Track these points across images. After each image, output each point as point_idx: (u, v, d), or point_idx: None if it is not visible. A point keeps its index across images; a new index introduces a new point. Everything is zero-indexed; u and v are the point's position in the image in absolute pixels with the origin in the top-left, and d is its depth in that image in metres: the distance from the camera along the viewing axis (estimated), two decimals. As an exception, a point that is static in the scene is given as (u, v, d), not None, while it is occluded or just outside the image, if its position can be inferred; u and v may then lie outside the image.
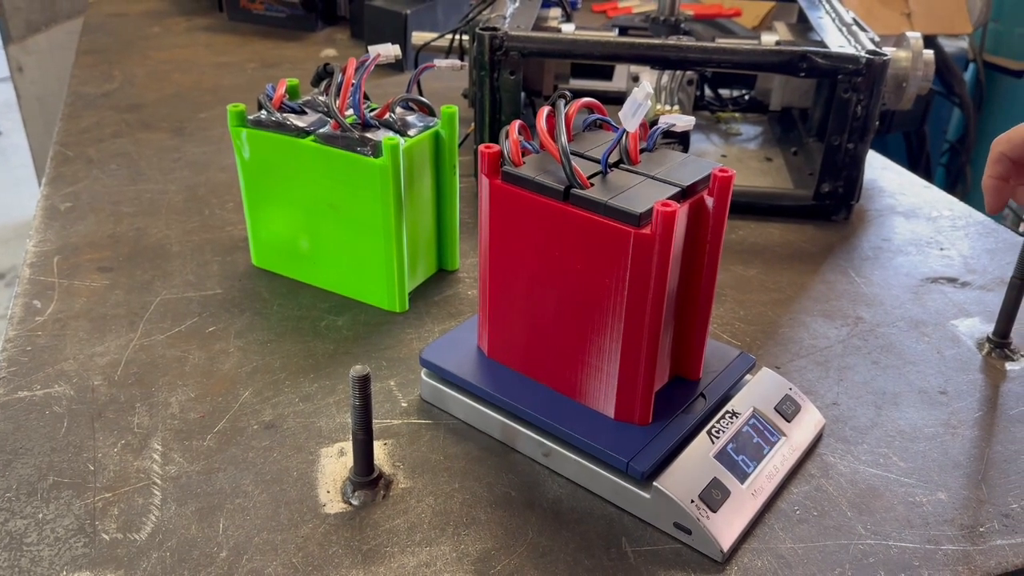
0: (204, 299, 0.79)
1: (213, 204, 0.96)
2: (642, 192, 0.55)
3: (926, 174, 2.21)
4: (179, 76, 1.35)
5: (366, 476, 0.58)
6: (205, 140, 1.13)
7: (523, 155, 0.59)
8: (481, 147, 0.58)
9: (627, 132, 0.57)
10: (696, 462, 0.58)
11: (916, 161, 2.28)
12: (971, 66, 2.33)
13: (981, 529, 0.58)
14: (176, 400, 0.67)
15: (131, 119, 1.18)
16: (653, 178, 0.57)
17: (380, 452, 0.62)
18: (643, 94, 0.54)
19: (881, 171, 1.12)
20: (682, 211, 0.55)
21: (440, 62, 0.79)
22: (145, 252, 0.86)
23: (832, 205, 0.98)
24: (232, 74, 1.37)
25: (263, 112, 0.76)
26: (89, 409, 0.65)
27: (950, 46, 2.22)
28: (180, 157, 1.07)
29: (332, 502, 0.58)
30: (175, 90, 1.30)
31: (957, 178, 2.37)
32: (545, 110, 0.59)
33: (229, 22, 1.62)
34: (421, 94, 0.85)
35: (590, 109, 0.63)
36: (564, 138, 0.56)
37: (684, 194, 0.56)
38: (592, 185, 0.56)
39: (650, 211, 0.52)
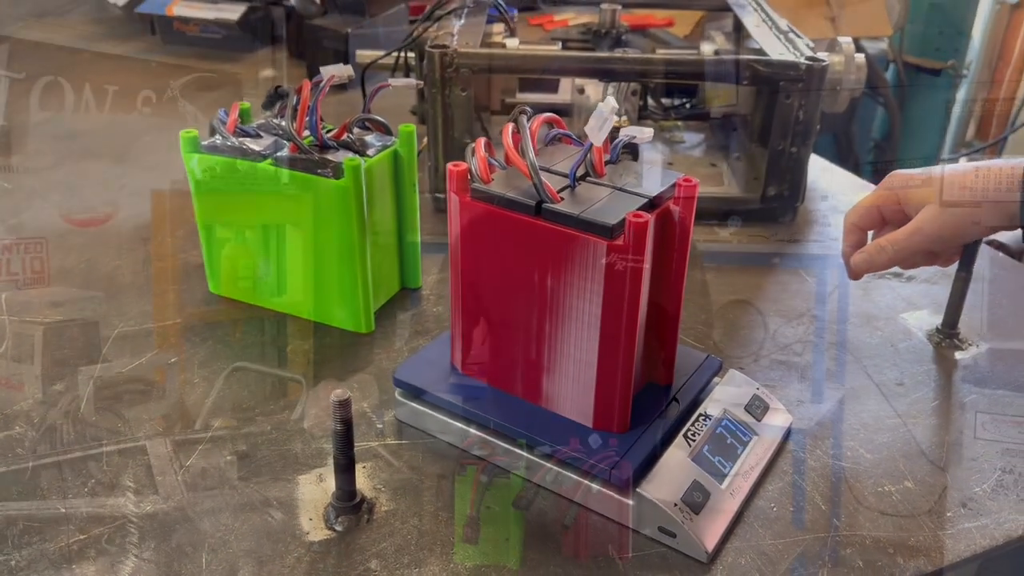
0: (163, 330, 0.77)
1: (164, 231, 0.94)
2: (612, 204, 0.56)
3: (855, 172, 2.28)
4: (116, 101, 1.32)
5: (349, 501, 0.58)
6: (149, 166, 1.10)
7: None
8: (449, 165, 0.58)
9: (594, 146, 0.58)
10: (676, 466, 0.59)
11: (845, 160, 2.35)
12: (891, 67, 2.42)
13: (948, 514, 0.60)
14: (144, 435, 0.65)
15: (72, 147, 1.15)
16: (621, 190, 0.58)
17: (360, 475, 0.61)
18: (609, 108, 0.55)
19: (821, 172, 1.16)
20: (651, 221, 0.56)
21: (395, 81, 0.78)
22: (97, 285, 0.84)
23: (779, 208, 1.00)
24: (170, 98, 1.34)
25: (217, 137, 0.75)
26: (55, 450, 0.63)
27: (872, 48, 2.30)
28: (125, 184, 1.05)
29: (316, 529, 0.57)
30: (113, 116, 1.27)
31: (885, 175, 2.45)
32: (509, 126, 0.59)
33: (164, 45, 1.59)
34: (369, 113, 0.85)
35: (550, 124, 0.64)
36: (532, 153, 0.57)
37: (652, 204, 0.57)
38: (562, 199, 0.57)
39: (622, 222, 0.53)
